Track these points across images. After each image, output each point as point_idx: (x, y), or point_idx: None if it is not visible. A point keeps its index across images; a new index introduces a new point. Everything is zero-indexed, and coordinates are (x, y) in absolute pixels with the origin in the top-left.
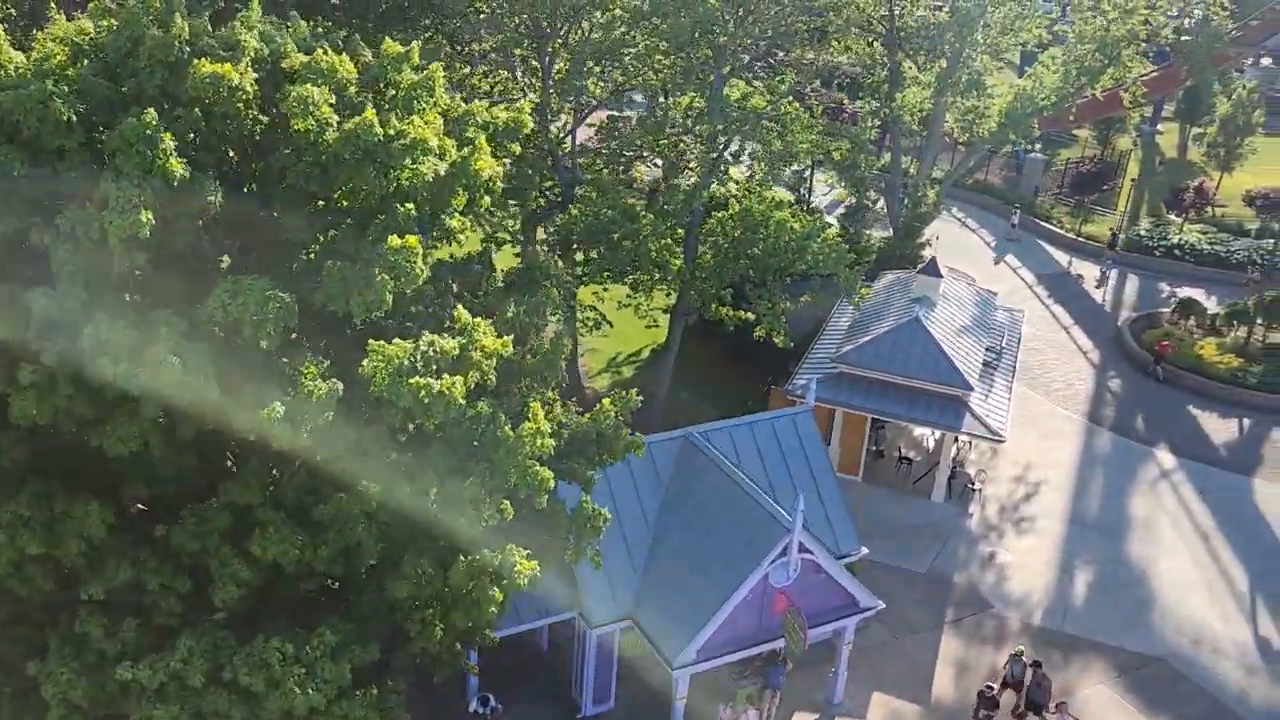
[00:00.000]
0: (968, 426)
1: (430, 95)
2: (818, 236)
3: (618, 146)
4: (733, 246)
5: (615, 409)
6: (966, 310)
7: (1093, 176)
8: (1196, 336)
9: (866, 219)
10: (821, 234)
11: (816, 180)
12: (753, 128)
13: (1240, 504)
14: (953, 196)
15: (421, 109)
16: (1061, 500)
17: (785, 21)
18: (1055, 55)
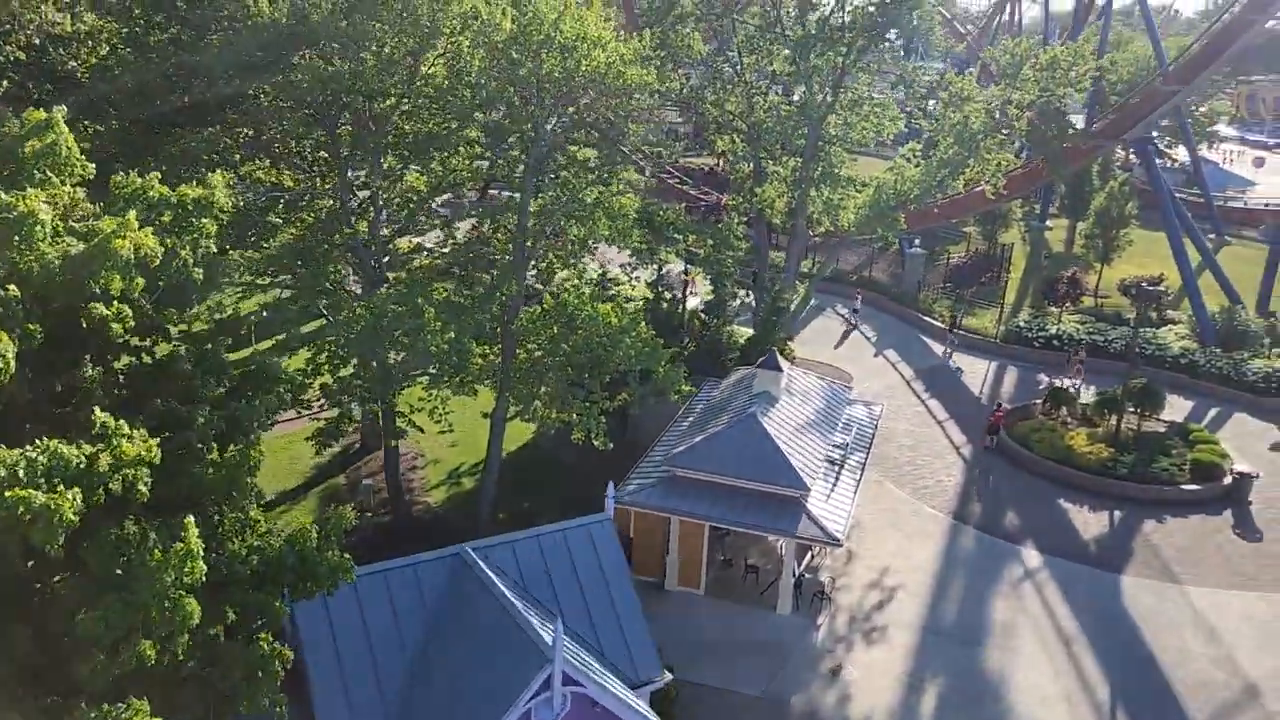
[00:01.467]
0: (803, 530)
1: (59, 165)
2: (632, 331)
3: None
4: (551, 343)
5: (318, 530)
6: (812, 405)
7: (969, 270)
8: (1070, 426)
9: (727, 314)
10: (636, 329)
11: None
12: (556, 221)
13: (1107, 604)
14: (836, 293)
15: (45, 180)
16: (917, 607)
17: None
18: (915, 148)
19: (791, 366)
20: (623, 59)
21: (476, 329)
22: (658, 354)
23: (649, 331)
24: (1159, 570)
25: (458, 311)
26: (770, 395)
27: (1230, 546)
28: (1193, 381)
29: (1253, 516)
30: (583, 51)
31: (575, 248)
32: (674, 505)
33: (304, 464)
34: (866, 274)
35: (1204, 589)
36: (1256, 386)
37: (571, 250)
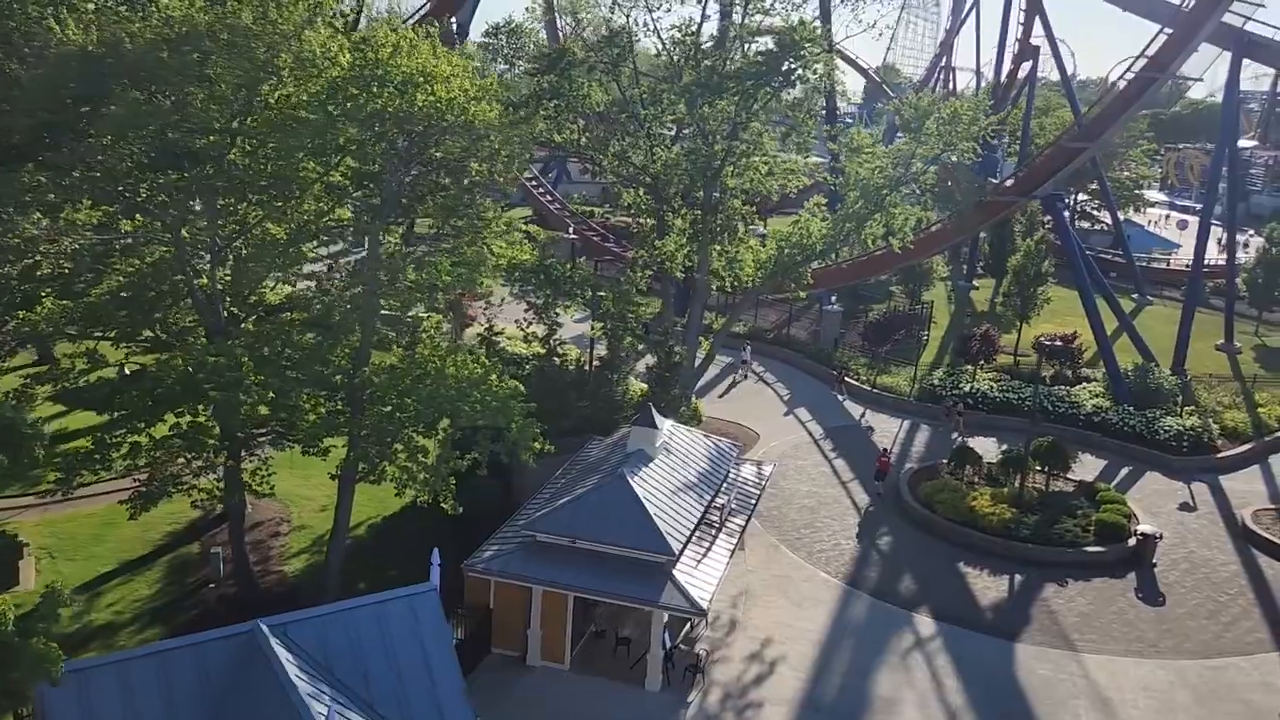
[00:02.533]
0: (666, 599)
1: None
2: (481, 385)
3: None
4: (398, 398)
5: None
6: (691, 465)
7: (883, 327)
8: (978, 486)
9: (623, 370)
10: (487, 382)
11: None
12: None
13: (999, 675)
14: (758, 351)
15: None
16: (798, 681)
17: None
18: (820, 202)
19: (676, 425)
20: (466, 94)
21: (316, 381)
22: (508, 409)
23: (504, 385)
24: (1057, 637)
25: (297, 363)
26: (645, 454)
27: (1132, 611)
28: (1104, 440)
29: (1156, 579)
30: (420, 87)
31: (417, 294)
32: (531, 573)
33: (156, 531)
34: (785, 332)
35: (1102, 657)
36: (1168, 445)
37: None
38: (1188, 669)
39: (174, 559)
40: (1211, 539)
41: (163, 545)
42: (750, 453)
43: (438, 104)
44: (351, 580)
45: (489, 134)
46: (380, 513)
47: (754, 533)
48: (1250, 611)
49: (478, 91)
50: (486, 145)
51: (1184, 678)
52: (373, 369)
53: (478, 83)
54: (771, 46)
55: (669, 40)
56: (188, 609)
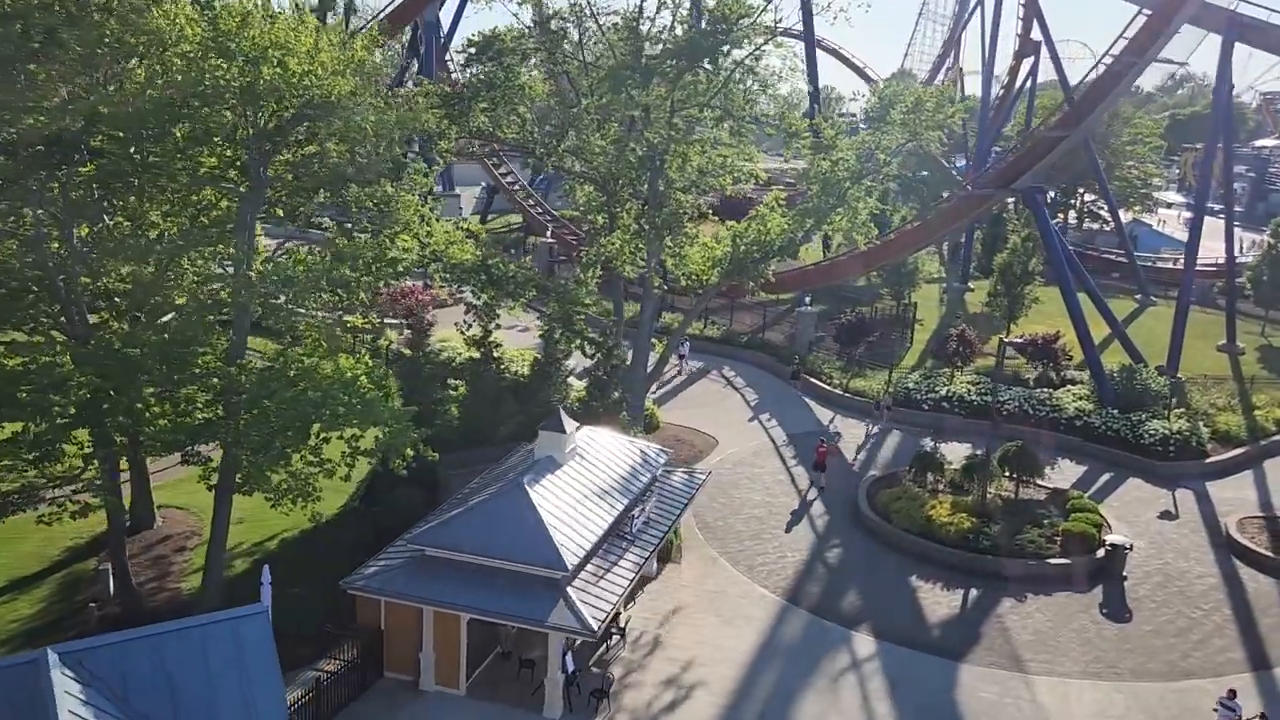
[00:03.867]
0: (555, 618)
1: None
2: (350, 386)
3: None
4: (265, 404)
5: None
6: (606, 472)
7: (855, 329)
8: (942, 493)
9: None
10: (356, 384)
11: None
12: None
13: (938, 699)
14: (724, 354)
15: None
16: (714, 707)
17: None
18: (780, 195)
19: (596, 430)
20: (323, 66)
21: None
22: (374, 412)
23: (373, 388)
24: (1007, 657)
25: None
26: (553, 461)
27: (1094, 629)
28: (1085, 444)
29: (1125, 594)
30: (267, 60)
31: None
32: (413, 590)
33: (57, 546)
34: (761, 335)
35: (1055, 679)
36: (1153, 450)
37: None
38: (1148, 692)
39: (68, 576)
40: (1191, 550)
41: (61, 561)
42: (706, 459)
43: (289, 77)
44: (244, 599)
45: (355, 114)
46: (298, 525)
47: (693, 545)
48: (1224, 629)
49: (337, 65)
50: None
51: (1142, 702)
52: (242, 369)
53: (340, 55)
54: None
55: (606, 25)
56: (66, 629)
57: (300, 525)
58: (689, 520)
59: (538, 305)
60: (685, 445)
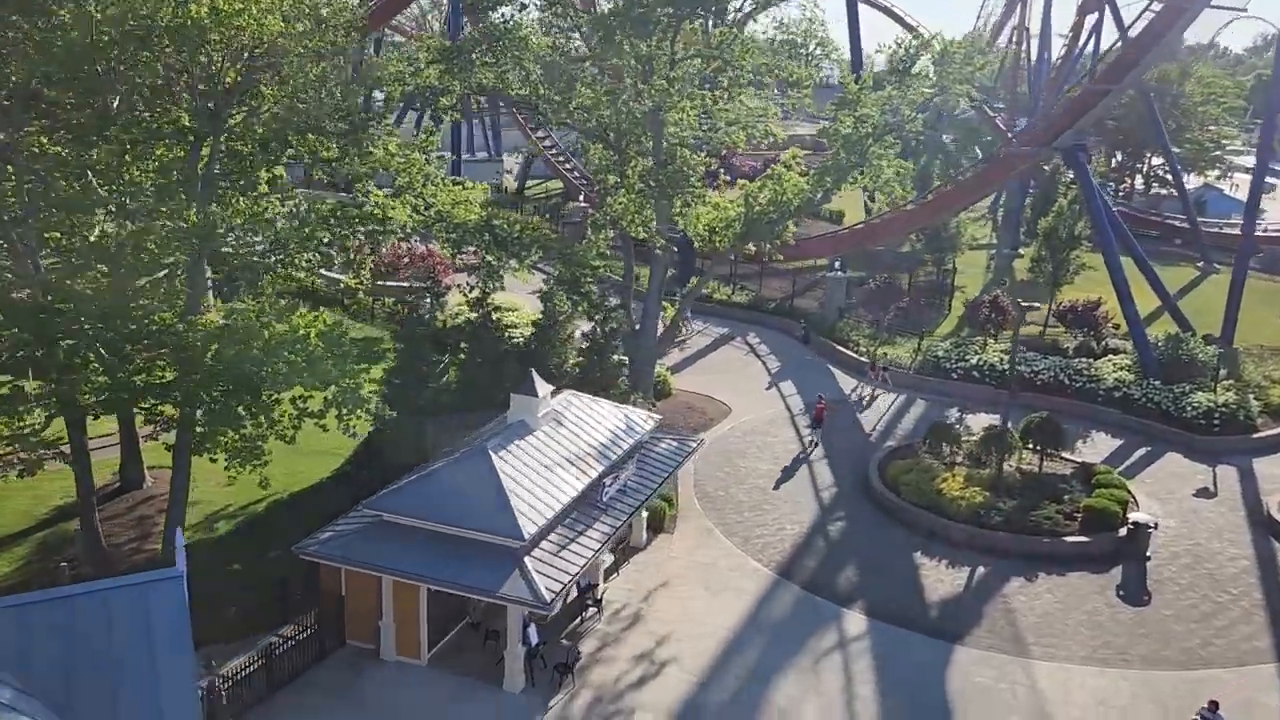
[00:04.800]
0: (508, 589)
1: None
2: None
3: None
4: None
5: None
6: (582, 438)
7: (882, 295)
8: (960, 464)
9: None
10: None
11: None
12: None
13: (927, 682)
14: (751, 321)
15: None
16: (685, 686)
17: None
18: (797, 154)
19: (577, 395)
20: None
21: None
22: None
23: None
24: (1009, 640)
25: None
26: (525, 426)
27: (1107, 612)
28: (1123, 417)
29: (1147, 575)
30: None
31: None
32: (367, 556)
33: (47, 505)
34: (790, 301)
35: (1056, 664)
36: (1195, 424)
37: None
38: (1159, 680)
39: (50, 535)
40: (1226, 529)
41: (47, 520)
42: (716, 427)
43: (220, 17)
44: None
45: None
46: (288, 489)
47: (689, 515)
48: (1252, 615)
49: (272, 4)
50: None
51: (1152, 690)
52: (190, 326)
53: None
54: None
55: None
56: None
57: (290, 489)
58: (688, 489)
59: (547, 268)
60: (696, 412)
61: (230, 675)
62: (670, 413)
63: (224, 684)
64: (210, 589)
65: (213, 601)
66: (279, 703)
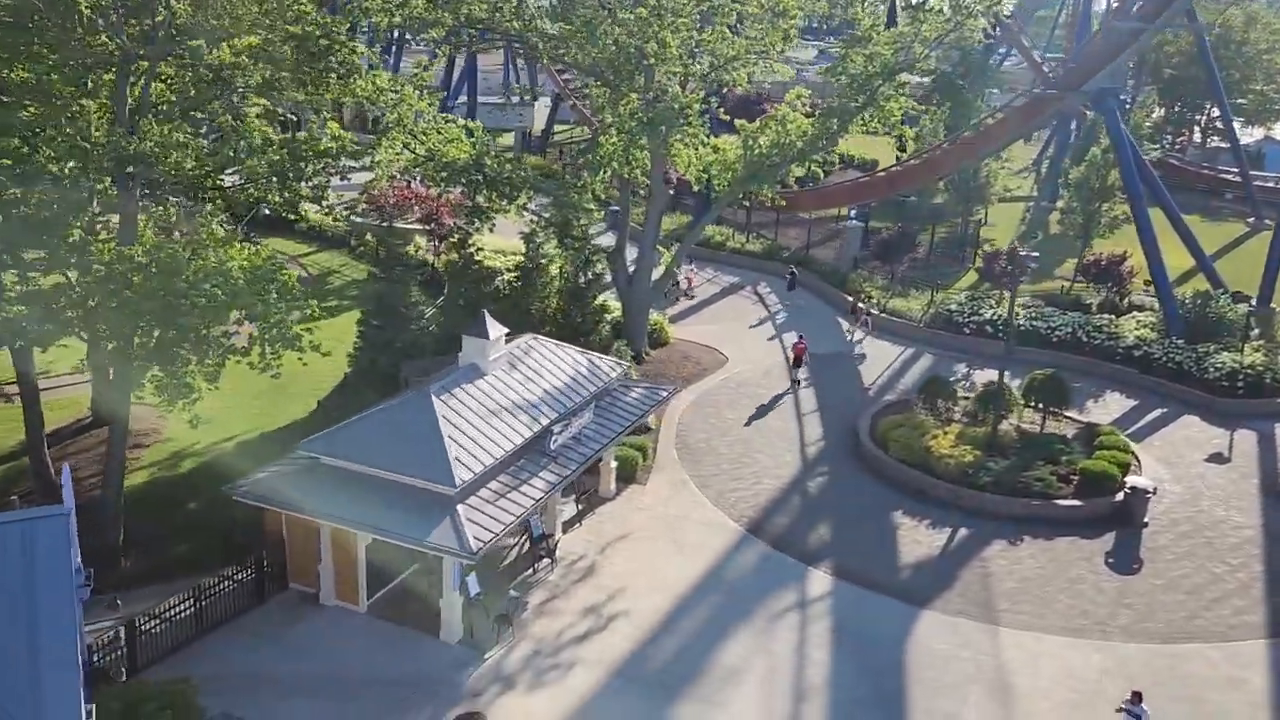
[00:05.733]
0: (437, 538)
1: None
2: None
3: None
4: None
5: None
6: (537, 384)
7: (891, 245)
8: (957, 421)
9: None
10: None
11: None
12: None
13: (885, 648)
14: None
15: None
16: (630, 642)
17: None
18: (802, 94)
19: (539, 339)
20: None
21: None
22: (246, 305)
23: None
24: (980, 606)
25: None
26: (476, 369)
27: (1091, 579)
28: (1141, 377)
29: (1141, 543)
30: None
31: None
32: (296, 500)
33: (15, 437)
34: (805, 250)
35: (1029, 633)
36: (1217, 385)
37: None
38: (1136, 655)
39: (13, 469)
40: (1234, 497)
41: (14, 452)
42: (709, 377)
43: None
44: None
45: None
46: (258, 428)
47: (666, 466)
48: (1249, 588)
49: None
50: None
51: (1126, 665)
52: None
53: None
54: None
55: None
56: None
57: (261, 429)
58: (668, 440)
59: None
60: (691, 362)
61: (156, 615)
62: (665, 362)
63: (148, 624)
64: (159, 529)
65: (160, 541)
66: (208, 645)
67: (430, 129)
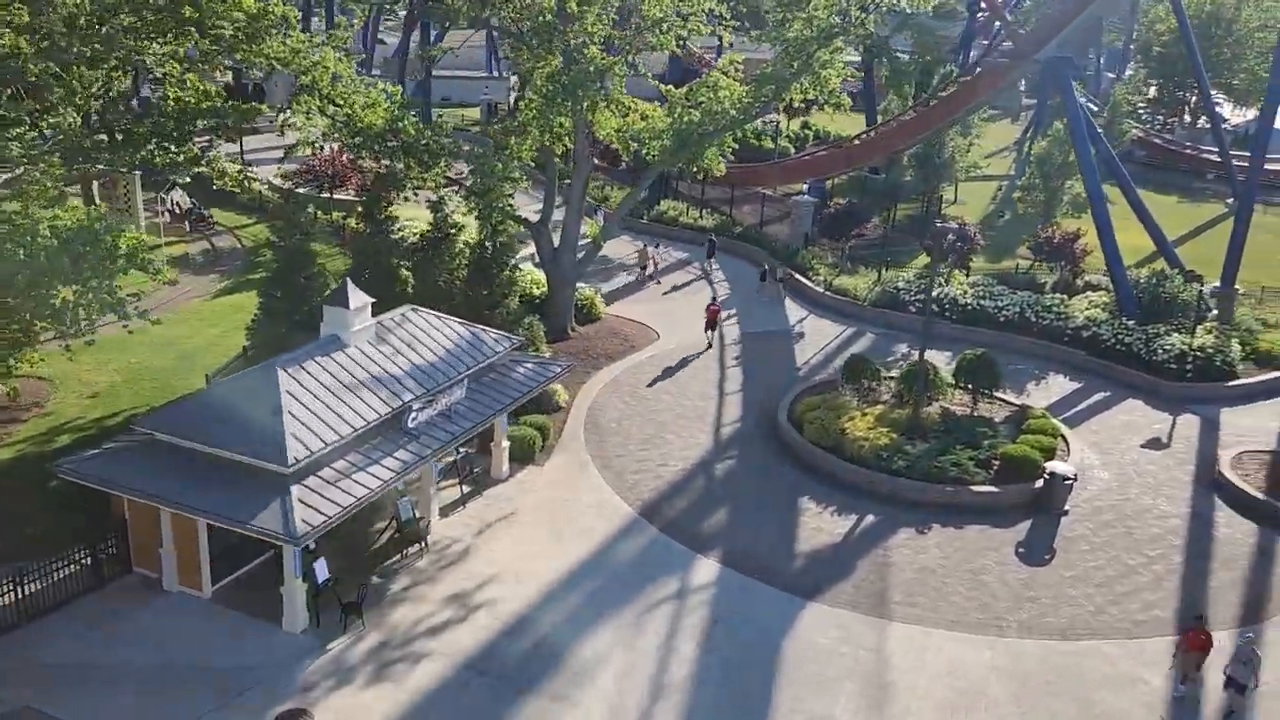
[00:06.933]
0: (262, 520)
1: None
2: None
3: None
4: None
5: None
6: (404, 358)
7: (840, 220)
8: (883, 403)
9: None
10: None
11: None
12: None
13: (761, 640)
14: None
15: None
16: (488, 632)
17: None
18: (736, 60)
19: (417, 310)
20: None
21: None
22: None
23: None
24: (872, 598)
25: None
26: (337, 341)
27: (996, 571)
28: (1088, 359)
29: (1058, 532)
30: None
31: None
32: (124, 478)
33: None
34: (759, 226)
35: (919, 628)
36: (1165, 368)
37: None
38: (1030, 651)
39: None
40: (1166, 485)
41: None
42: (635, 354)
43: None
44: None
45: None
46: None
47: (570, 446)
48: (1164, 581)
49: None
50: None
51: (1017, 663)
52: None
53: None
54: None
55: None
56: None
57: (153, 403)
58: (578, 419)
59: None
60: (619, 338)
61: None
62: (592, 338)
63: None
64: (17, 507)
65: (14, 520)
66: (33, 632)
67: (349, 92)
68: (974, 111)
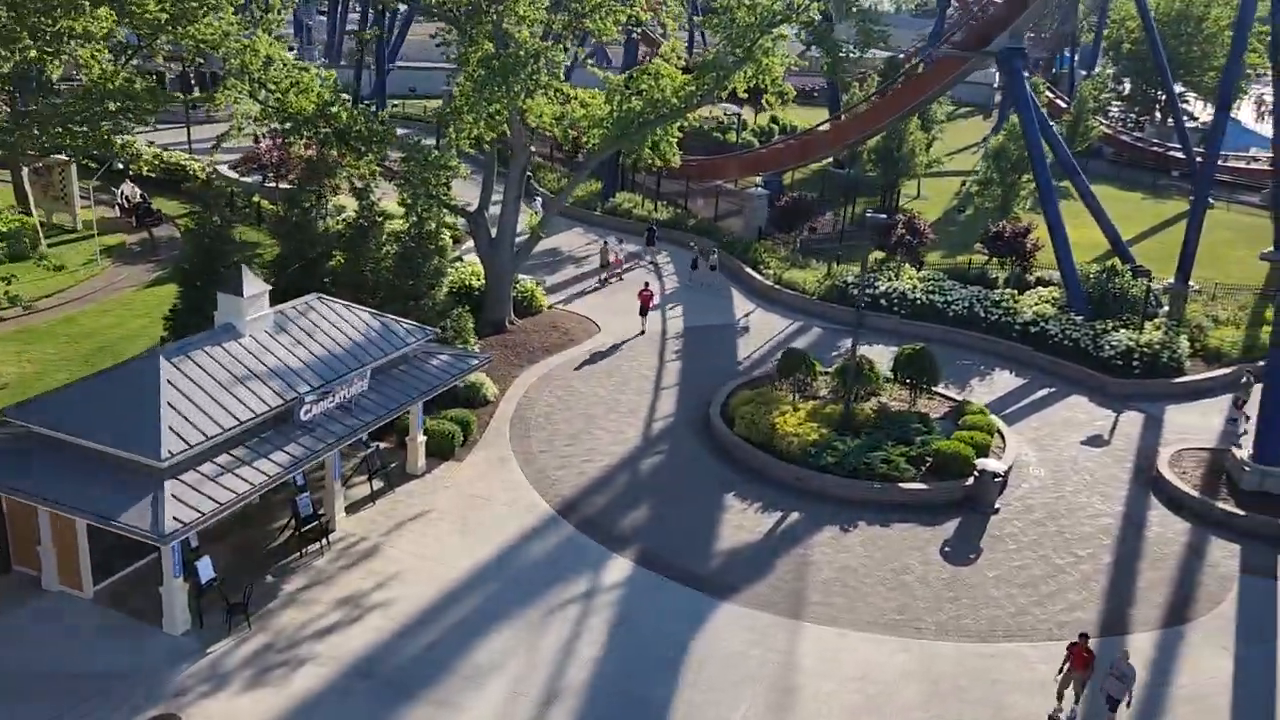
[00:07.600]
0: (130, 517)
1: None
2: None
3: None
4: None
5: None
6: (305, 349)
7: (791, 213)
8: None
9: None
10: None
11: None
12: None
13: (667, 643)
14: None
15: None
16: (379, 635)
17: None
18: (677, 46)
19: (322, 298)
20: None
21: None
22: None
23: None
24: (786, 598)
25: None
26: (231, 330)
27: (919, 570)
28: (1034, 355)
29: (985, 531)
30: None
31: None
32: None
33: None
34: (714, 219)
35: (833, 629)
36: (1111, 364)
37: None
38: (946, 654)
39: None
40: (1102, 483)
41: None
42: (573, 348)
43: None
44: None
45: None
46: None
47: (493, 442)
48: (1090, 581)
49: None
50: None
51: (931, 666)
52: None
53: None
54: None
55: None
56: None
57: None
58: (504, 413)
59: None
60: (558, 331)
61: None
62: (529, 331)
63: None
64: None
65: None
66: None
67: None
68: (929, 103)
